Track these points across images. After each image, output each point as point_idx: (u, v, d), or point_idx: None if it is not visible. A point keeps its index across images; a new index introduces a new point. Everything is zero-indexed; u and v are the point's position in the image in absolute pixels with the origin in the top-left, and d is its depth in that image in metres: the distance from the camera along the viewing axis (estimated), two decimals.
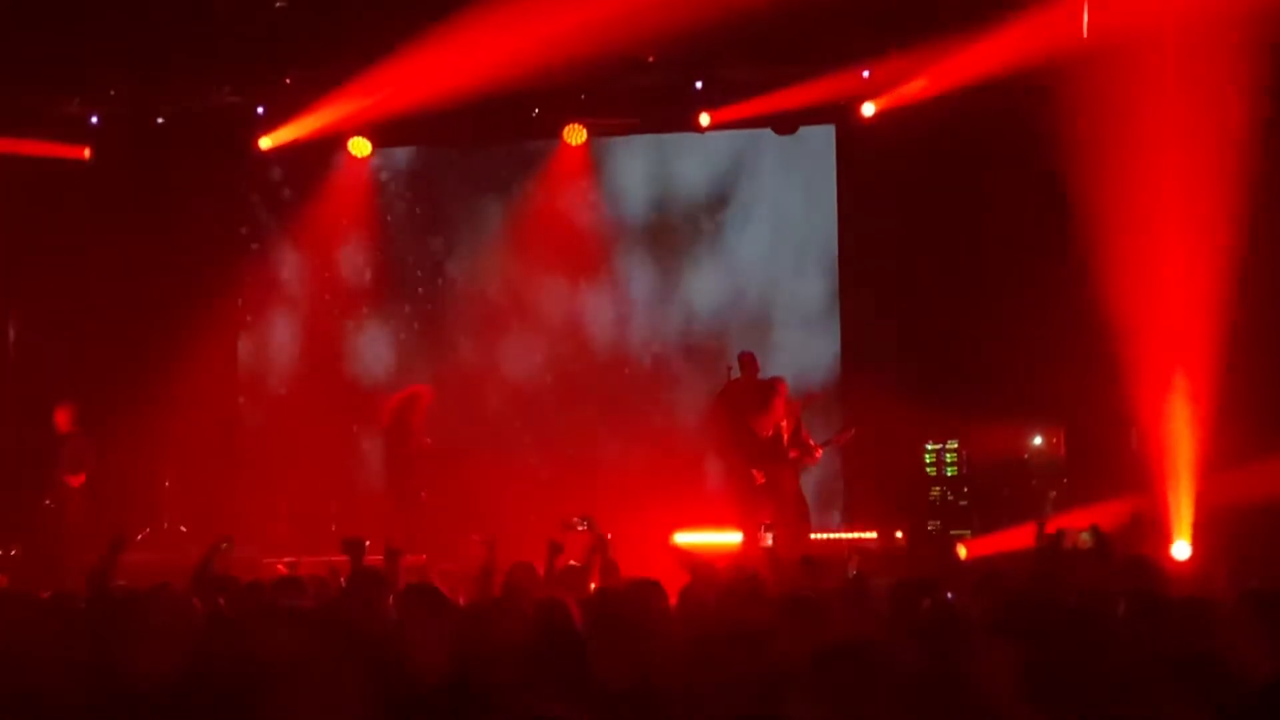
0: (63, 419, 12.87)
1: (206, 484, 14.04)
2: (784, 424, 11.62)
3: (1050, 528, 7.78)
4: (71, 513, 12.60)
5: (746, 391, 12.44)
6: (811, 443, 11.82)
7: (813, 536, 12.14)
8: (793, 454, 11.79)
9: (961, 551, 11.32)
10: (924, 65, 12.87)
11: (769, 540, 10.95)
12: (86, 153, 14.43)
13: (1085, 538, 7.93)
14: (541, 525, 10.72)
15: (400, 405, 13.35)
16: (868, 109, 13.47)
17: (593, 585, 7.80)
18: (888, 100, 13.32)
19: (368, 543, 7.83)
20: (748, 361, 13.13)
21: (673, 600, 6.58)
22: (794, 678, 4.51)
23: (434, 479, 13.22)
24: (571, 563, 8.29)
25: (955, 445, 12.97)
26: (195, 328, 14.58)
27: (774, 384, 11.82)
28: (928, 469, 13.03)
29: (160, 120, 14.44)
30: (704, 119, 13.77)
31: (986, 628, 5.44)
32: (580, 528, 9.10)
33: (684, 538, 12.32)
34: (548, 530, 9.41)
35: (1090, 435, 12.43)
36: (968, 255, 13.41)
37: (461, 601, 6.82)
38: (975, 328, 13.33)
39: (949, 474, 13.00)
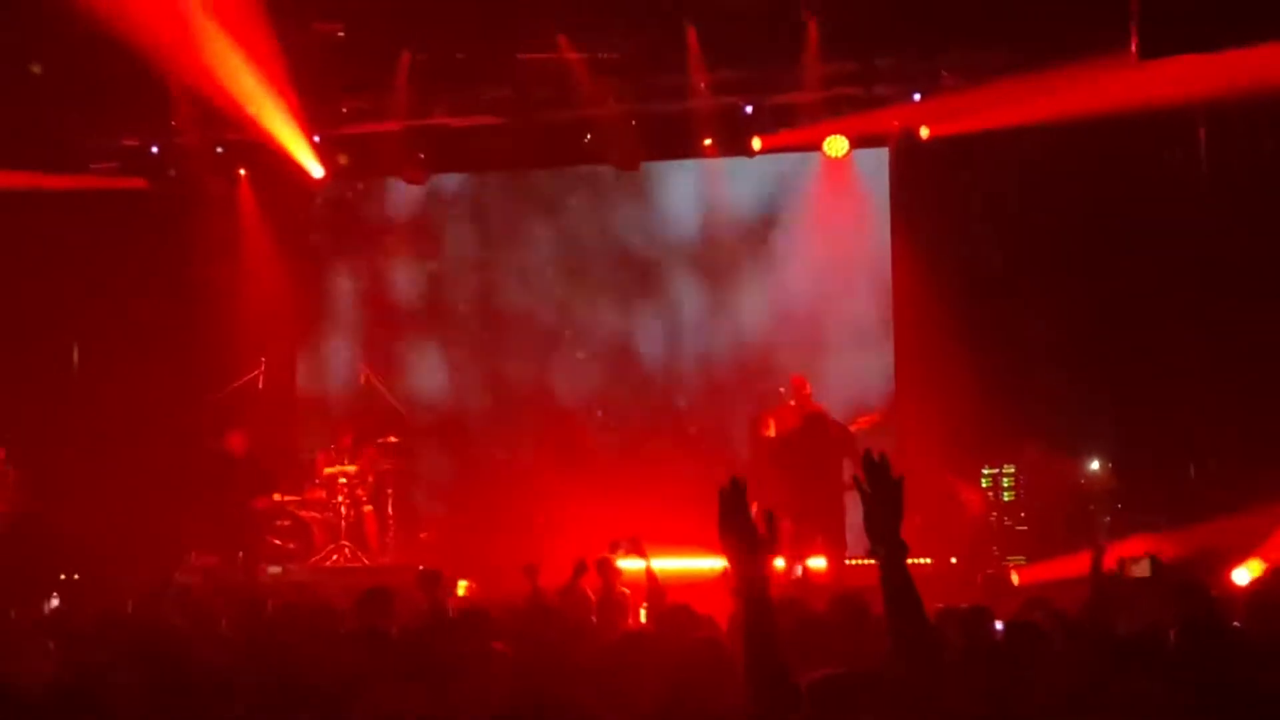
0: None
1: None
2: (835, 451, 11.56)
3: (1107, 555, 7.65)
4: None
5: (796, 415, 12.39)
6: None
7: (856, 563, 12.07)
8: (843, 480, 11.72)
9: (1014, 578, 11.25)
10: (980, 93, 12.90)
11: (799, 571, 10.88)
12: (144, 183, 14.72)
13: (1141, 565, 7.84)
14: (590, 547, 10.72)
15: None
16: (924, 131, 13.42)
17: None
18: (944, 125, 13.28)
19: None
20: (799, 385, 13.10)
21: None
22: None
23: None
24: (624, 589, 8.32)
25: (1012, 470, 12.84)
26: (254, 350, 14.76)
27: (821, 414, 11.77)
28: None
29: (220, 149, 14.63)
30: (756, 143, 13.71)
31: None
32: (623, 552, 9.08)
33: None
34: (595, 553, 9.41)
35: (1145, 462, 12.29)
36: (1023, 278, 13.33)
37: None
38: (1030, 351, 13.23)
39: (1005, 499, 12.86)
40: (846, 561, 11.83)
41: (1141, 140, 12.26)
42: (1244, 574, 11.11)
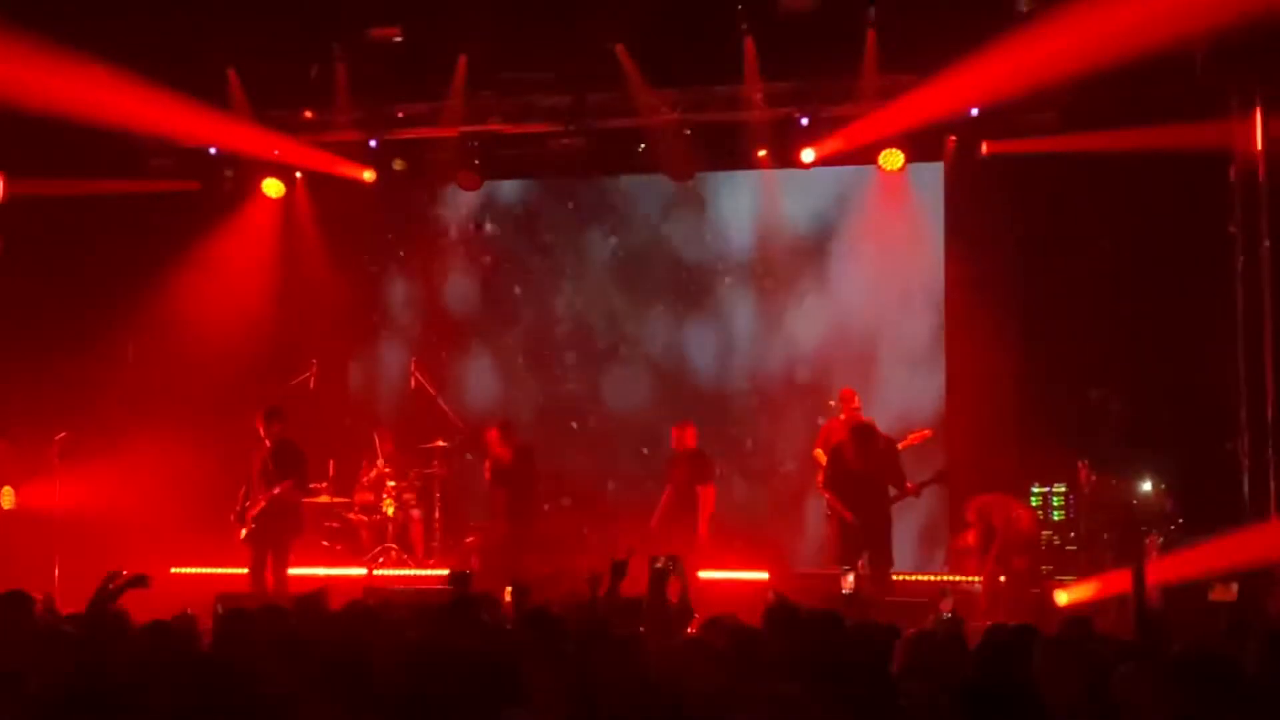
0: None
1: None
2: (878, 465, 11.48)
3: (1148, 575, 7.53)
4: None
5: (845, 428, 12.33)
6: (910, 484, 11.66)
7: (910, 578, 11.99)
8: (890, 494, 11.64)
9: (1061, 597, 11.12)
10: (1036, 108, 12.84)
11: (850, 583, 10.80)
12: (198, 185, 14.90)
13: (1228, 589, 7.67)
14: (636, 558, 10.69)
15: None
16: (983, 148, 13.33)
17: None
18: (1001, 144, 13.21)
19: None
20: (848, 398, 13.06)
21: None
22: None
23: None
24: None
25: (1063, 489, 12.71)
26: (306, 351, 14.86)
27: (869, 425, 11.69)
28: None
29: (276, 152, 14.75)
30: (807, 155, 13.65)
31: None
32: (663, 565, 9.03)
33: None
34: (642, 563, 9.37)
35: (1199, 483, 12.14)
36: (1076, 297, 13.21)
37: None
38: (1083, 370, 13.11)
39: (1055, 517, 12.74)
40: (893, 575, 11.77)
41: (1197, 157, 12.13)
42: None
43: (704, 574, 11.96)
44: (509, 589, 8.03)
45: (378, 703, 4.94)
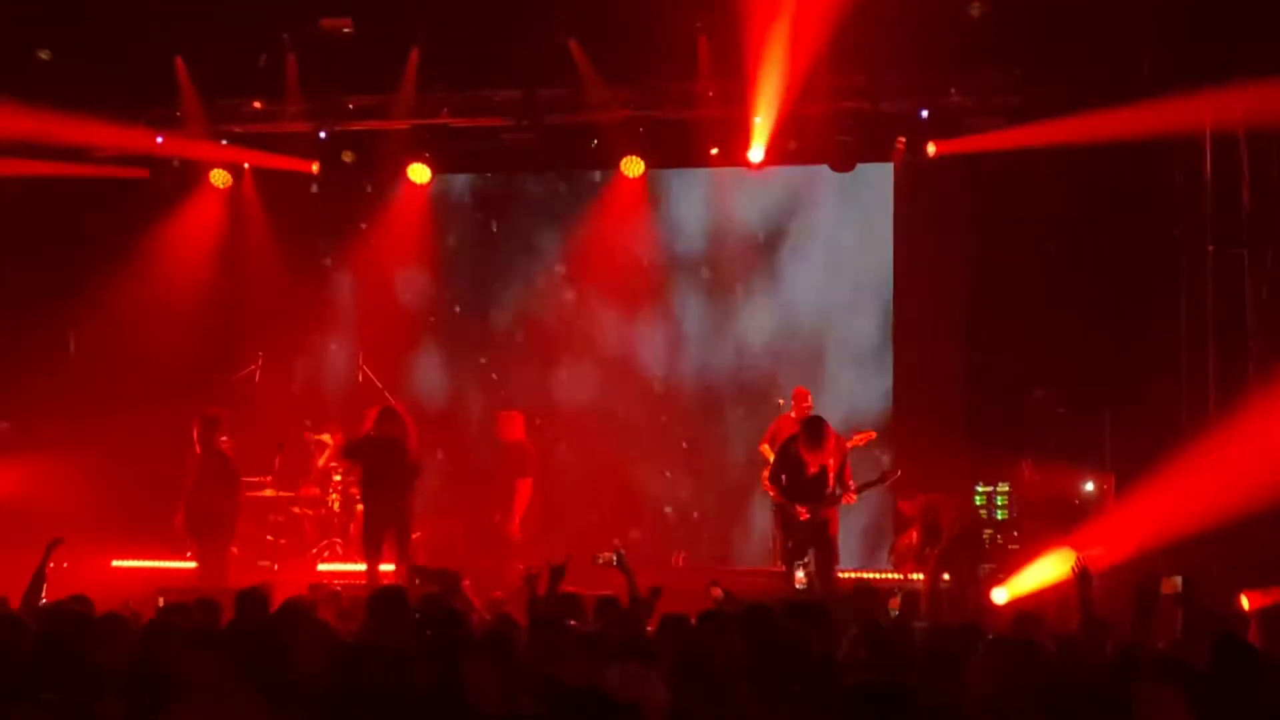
0: None
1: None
2: (830, 462, 11.52)
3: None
4: None
5: (795, 427, 12.36)
6: (852, 484, 11.70)
7: (855, 576, 12.03)
8: (836, 492, 11.68)
9: (998, 595, 11.21)
10: (984, 106, 12.94)
11: (801, 577, 10.83)
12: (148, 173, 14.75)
13: (1174, 582, 7.73)
14: (581, 558, 10.69)
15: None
16: (930, 149, 13.40)
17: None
18: (950, 144, 13.29)
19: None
20: (800, 396, 13.10)
21: None
22: None
23: None
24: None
25: (1006, 488, 12.81)
26: (252, 343, 14.73)
27: (822, 421, 11.72)
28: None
29: (224, 141, 14.63)
30: (756, 154, 13.60)
31: None
32: (604, 562, 9.01)
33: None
34: (587, 563, 9.37)
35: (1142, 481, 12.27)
36: (1023, 298, 13.33)
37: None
38: (1028, 370, 13.22)
39: (999, 516, 12.83)
40: (839, 573, 11.80)
41: (1143, 160, 12.30)
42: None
43: None
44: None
45: (300, 698, 4.97)
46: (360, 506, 12.96)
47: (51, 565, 7.97)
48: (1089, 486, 12.41)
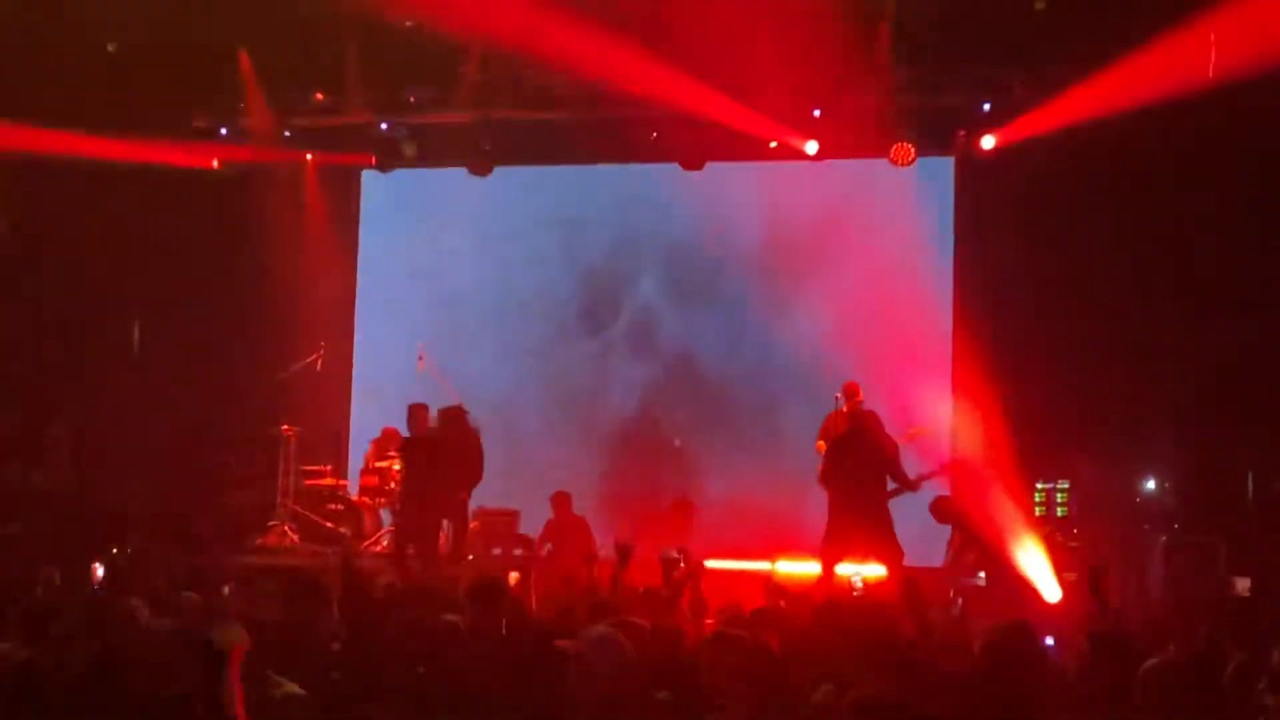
0: None
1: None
2: (885, 457, 11.43)
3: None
4: None
5: (846, 421, 12.29)
6: (910, 476, 11.59)
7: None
8: (891, 488, 11.57)
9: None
10: (1046, 99, 12.79)
11: (858, 583, 10.73)
12: (215, 163, 14.85)
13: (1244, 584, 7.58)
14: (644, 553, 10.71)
15: None
16: (987, 142, 13.29)
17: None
18: (1009, 134, 13.17)
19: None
20: (852, 392, 13.00)
21: None
22: None
23: None
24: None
25: (1066, 486, 12.69)
26: (314, 333, 14.85)
27: (874, 416, 11.63)
28: (1037, 509, 12.74)
29: (288, 133, 14.76)
30: (811, 147, 13.49)
31: None
32: (675, 557, 9.01)
33: (785, 567, 12.26)
34: (651, 559, 9.37)
35: (1203, 482, 12.14)
36: (1086, 293, 13.19)
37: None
38: (1091, 367, 13.08)
39: (1059, 514, 12.71)
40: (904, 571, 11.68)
41: (1208, 158, 12.12)
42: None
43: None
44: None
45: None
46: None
47: None
48: (1150, 486, 12.29)
